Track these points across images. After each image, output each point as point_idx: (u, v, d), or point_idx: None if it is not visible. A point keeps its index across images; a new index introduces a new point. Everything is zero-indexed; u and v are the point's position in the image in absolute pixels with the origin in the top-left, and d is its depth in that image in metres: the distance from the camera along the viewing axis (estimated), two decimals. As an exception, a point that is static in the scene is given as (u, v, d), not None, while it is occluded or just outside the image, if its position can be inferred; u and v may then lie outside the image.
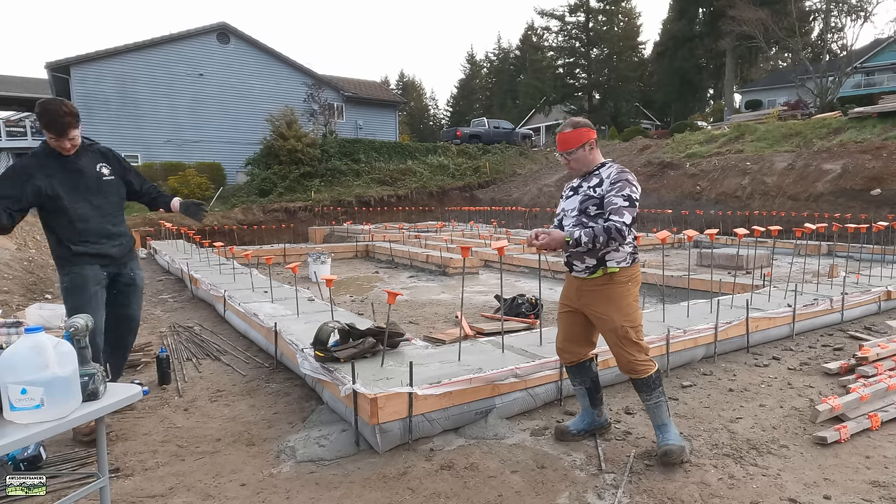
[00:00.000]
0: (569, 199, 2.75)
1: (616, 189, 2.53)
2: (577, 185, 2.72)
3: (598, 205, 2.58)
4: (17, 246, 8.16)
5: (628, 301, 2.62)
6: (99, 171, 3.17)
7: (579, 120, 2.69)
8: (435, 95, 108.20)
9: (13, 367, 1.61)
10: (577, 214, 2.64)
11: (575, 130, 2.65)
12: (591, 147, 2.67)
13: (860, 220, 8.78)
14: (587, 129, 2.66)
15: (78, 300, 3.04)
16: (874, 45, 29.62)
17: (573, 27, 39.30)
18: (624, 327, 2.60)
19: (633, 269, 2.67)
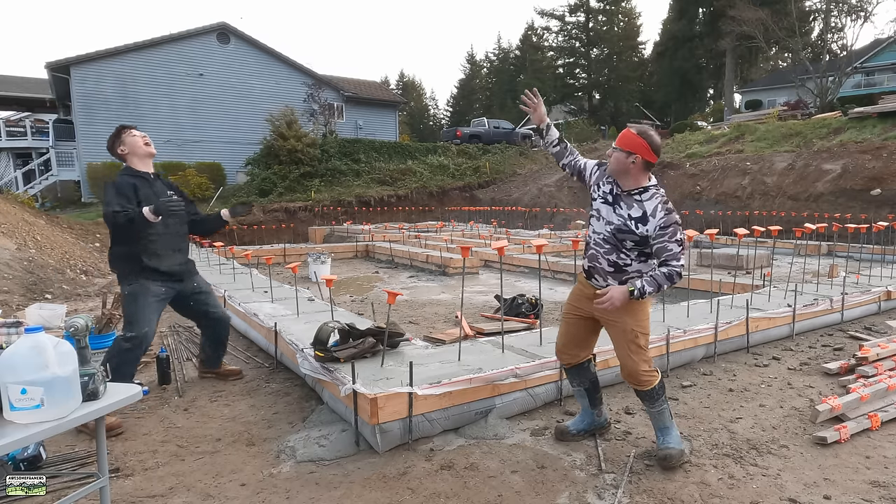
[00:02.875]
0: (606, 206, 2.61)
1: (669, 235, 2.46)
2: (617, 196, 2.58)
3: (638, 242, 2.53)
4: (17, 246, 8.16)
5: (644, 310, 2.63)
6: (170, 196, 3.45)
7: (650, 134, 2.52)
8: (435, 95, 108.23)
9: (13, 367, 1.61)
10: (610, 239, 2.58)
11: (637, 138, 2.48)
12: (636, 163, 2.49)
13: (860, 220, 8.78)
14: (645, 145, 2.48)
15: (138, 303, 3.32)
16: (874, 45, 29.61)
17: (573, 27, 39.37)
18: (635, 332, 2.59)
19: None
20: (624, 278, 2.58)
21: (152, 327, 3.34)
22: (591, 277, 2.70)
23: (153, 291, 3.37)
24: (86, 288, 7.66)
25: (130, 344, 3.21)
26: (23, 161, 24.11)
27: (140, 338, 3.23)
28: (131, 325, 3.27)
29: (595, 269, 2.67)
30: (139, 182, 3.35)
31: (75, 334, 2.48)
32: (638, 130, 2.51)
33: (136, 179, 3.35)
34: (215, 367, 3.97)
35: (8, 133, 24.29)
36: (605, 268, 2.62)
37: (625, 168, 2.51)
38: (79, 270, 8.51)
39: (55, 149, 22.21)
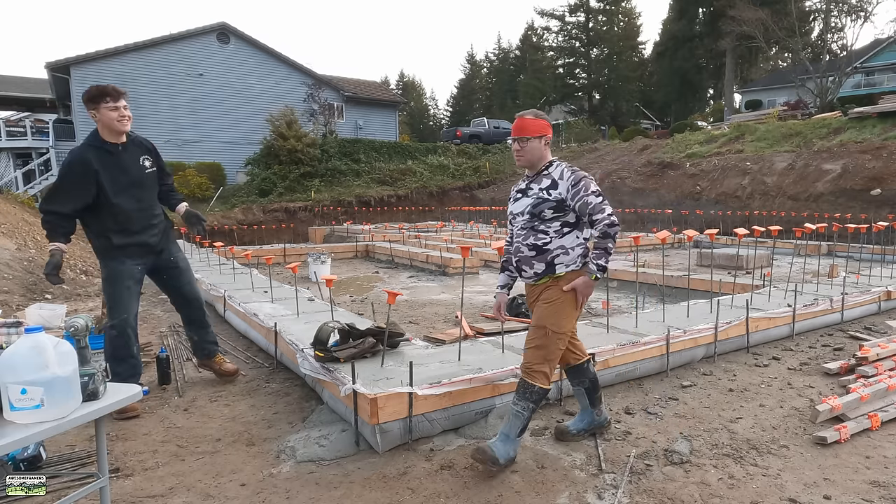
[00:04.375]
0: (517, 202, 2.67)
1: (583, 189, 2.48)
2: (526, 188, 2.65)
3: (555, 208, 2.52)
4: (17, 246, 8.16)
5: (564, 307, 2.53)
6: (142, 163, 3.36)
7: (541, 113, 2.63)
8: (435, 95, 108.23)
9: (13, 367, 1.61)
10: (528, 218, 2.58)
11: (537, 120, 2.57)
12: (546, 144, 2.59)
13: (860, 220, 8.79)
14: (547, 124, 2.61)
15: (114, 290, 3.30)
16: (874, 45, 29.61)
17: (573, 27, 39.38)
18: (546, 329, 2.51)
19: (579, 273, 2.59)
20: (549, 258, 2.54)
21: (131, 311, 3.32)
22: (521, 272, 2.68)
23: (127, 273, 3.29)
24: (86, 288, 7.66)
25: (115, 331, 3.27)
26: (23, 161, 24.08)
27: (121, 324, 3.26)
28: (111, 312, 3.32)
29: (521, 260, 2.64)
30: (101, 157, 3.16)
31: (75, 334, 2.48)
32: (534, 114, 2.58)
33: (97, 153, 3.16)
34: (208, 356, 3.84)
35: (8, 133, 24.27)
36: (527, 254, 2.59)
37: (540, 152, 2.58)
38: (79, 270, 8.51)
39: (55, 149, 22.20)
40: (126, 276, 3.30)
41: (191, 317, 3.76)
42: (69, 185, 3.15)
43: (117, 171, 3.23)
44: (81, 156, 3.15)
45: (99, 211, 3.21)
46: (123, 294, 3.29)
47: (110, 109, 3.12)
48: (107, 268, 3.32)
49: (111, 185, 3.19)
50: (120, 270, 3.29)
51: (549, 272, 2.56)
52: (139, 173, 3.33)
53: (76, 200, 3.16)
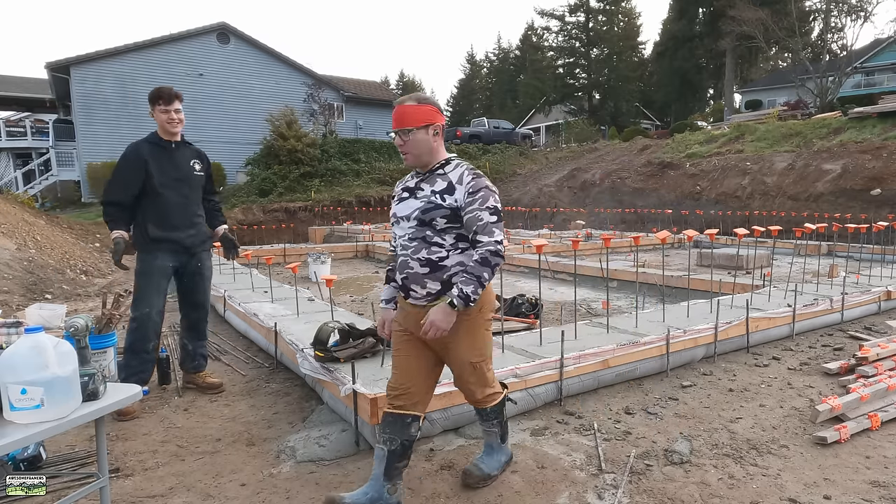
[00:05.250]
0: (402, 203, 2.20)
1: (479, 201, 2.06)
2: (415, 187, 2.18)
3: (449, 217, 2.09)
4: (17, 246, 8.16)
5: (481, 332, 2.23)
6: (192, 165, 3.52)
7: (427, 96, 2.21)
8: (435, 95, 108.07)
9: (13, 367, 1.61)
10: (416, 225, 2.12)
11: (420, 106, 2.12)
12: (437, 134, 2.15)
13: (860, 220, 8.79)
14: (436, 110, 2.15)
15: (142, 283, 3.40)
16: (874, 45, 29.62)
17: (573, 27, 39.34)
18: (473, 364, 2.24)
19: (487, 294, 2.23)
20: (446, 277, 2.11)
21: (154, 307, 3.38)
22: (409, 293, 2.19)
23: (158, 269, 3.39)
24: (86, 288, 7.66)
25: (136, 323, 3.37)
26: (23, 161, 24.12)
27: (142, 317, 3.35)
28: (135, 304, 3.39)
29: (409, 278, 2.16)
30: (155, 151, 3.37)
31: (75, 334, 2.48)
32: (417, 99, 2.16)
33: (152, 147, 3.38)
34: (195, 369, 3.73)
35: (8, 133, 24.31)
36: (418, 271, 2.12)
37: (428, 145, 2.15)
38: (79, 270, 8.51)
39: (55, 149, 22.22)
40: (157, 271, 3.40)
41: (193, 324, 3.75)
42: (123, 174, 3.36)
43: (167, 163, 3.40)
44: (136, 147, 3.39)
45: (145, 200, 3.36)
46: (151, 288, 3.38)
47: (162, 112, 3.35)
48: (141, 261, 3.42)
49: (159, 174, 3.35)
50: (152, 265, 3.38)
51: (444, 290, 2.12)
52: (188, 171, 3.50)
53: (130, 188, 3.34)
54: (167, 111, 3.34)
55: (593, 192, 18.37)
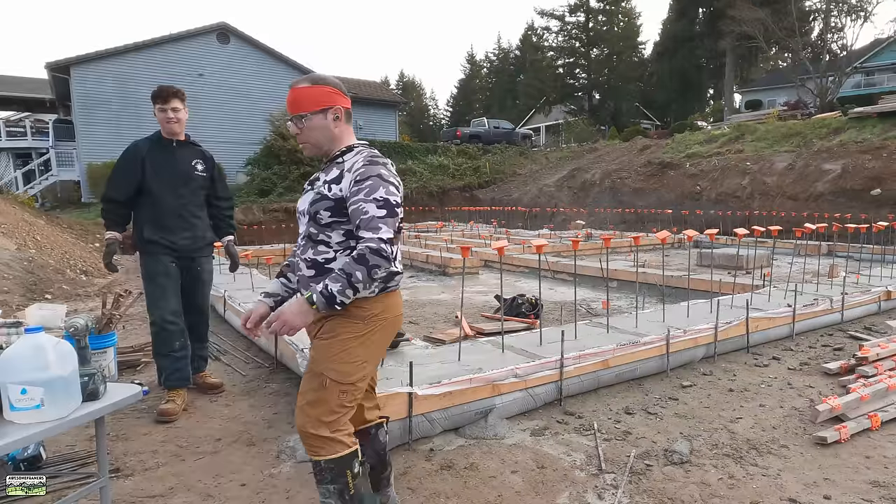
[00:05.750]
0: (302, 196, 1.96)
1: (365, 190, 1.73)
2: (314, 178, 1.94)
3: (334, 210, 1.80)
4: (17, 246, 8.16)
5: (347, 350, 1.80)
6: (193, 165, 3.46)
7: (325, 76, 1.91)
8: (435, 95, 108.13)
9: (13, 367, 1.61)
10: (307, 221, 1.89)
11: (315, 87, 1.85)
12: (338, 118, 1.87)
13: (860, 220, 8.78)
14: (334, 91, 1.87)
15: (148, 287, 3.38)
16: (874, 45, 29.61)
17: (573, 27, 39.35)
18: (323, 377, 1.79)
19: (381, 304, 1.85)
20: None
21: (166, 308, 3.35)
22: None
23: (160, 269, 3.34)
24: (86, 288, 7.66)
25: (154, 328, 3.38)
26: (23, 161, 24.11)
27: (157, 322, 3.35)
28: (149, 309, 3.41)
29: (300, 281, 1.93)
30: (154, 149, 3.34)
31: (75, 334, 2.48)
32: (312, 79, 1.88)
33: (152, 145, 3.36)
34: (195, 370, 3.71)
35: (8, 133, 24.31)
36: (304, 273, 1.88)
37: (328, 132, 1.87)
38: (79, 270, 8.51)
39: (55, 149, 22.21)
40: (159, 272, 3.35)
41: (193, 326, 3.70)
42: (119, 171, 3.35)
43: (164, 162, 3.36)
44: (135, 145, 3.37)
45: (141, 200, 3.33)
46: (157, 291, 3.35)
47: (160, 111, 3.34)
48: (143, 265, 3.40)
49: (154, 172, 3.31)
50: (153, 268, 3.35)
51: None
52: (187, 171, 3.42)
53: (125, 185, 3.32)
54: (164, 110, 3.31)
55: (593, 192, 18.37)
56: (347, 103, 1.91)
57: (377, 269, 1.69)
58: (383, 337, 1.89)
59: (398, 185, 1.83)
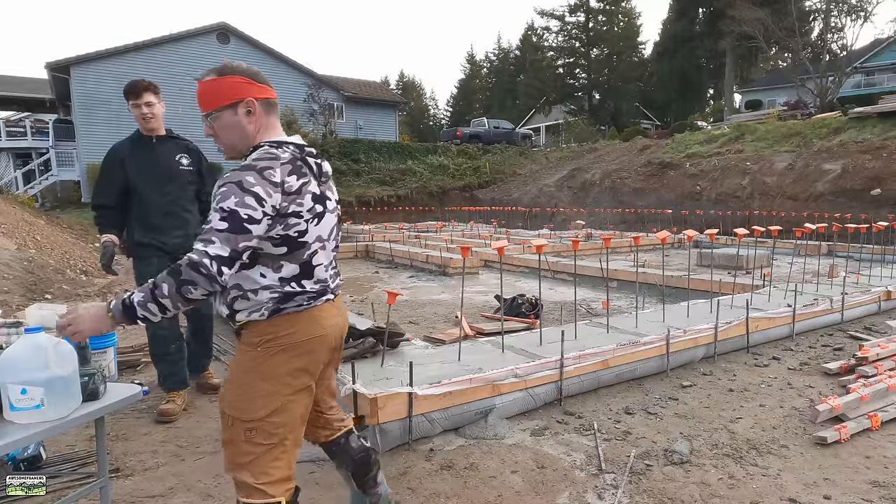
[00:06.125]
0: None
1: (219, 196, 1.49)
2: None
3: None
4: (17, 246, 8.16)
5: (249, 380, 1.61)
6: (178, 160, 3.35)
7: (234, 64, 1.67)
8: (435, 95, 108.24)
9: (13, 367, 1.61)
10: None
11: (221, 79, 1.62)
12: (251, 112, 1.62)
13: (860, 220, 8.78)
14: (244, 81, 1.63)
15: None
16: (874, 45, 29.62)
17: (573, 27, 39.38)
18: (228, 417, 1.63)
19: (275, 328, 1.60)
20: (229, 299, 1.63)
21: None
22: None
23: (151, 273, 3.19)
24: (86, 288, 7.66)
25: (149, 331, 3.37)
26: (23, 161, 24.11)
27: (150, 326, 3.30)
28: None
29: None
30: (134, 148, 3.25)
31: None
32: (218, 71, 1.65)
33: (132, 144, 3.26)
34: (197, 369, 3.68)
35: (8, 133, 24.32)
36: None
37: (240, 130, 1.64)
38: (79, 270, 8.51)
39: (55, 149, 22.21)
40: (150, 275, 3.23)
41: (198, 332, 3.65)
42: (102, 176, 3.29)
43: (145, 160, 3.26)
44: (115, 147, 3.31)
45: (130, 202, 3.27)
46: None
47: (133, 107, 3.20)
48: (135, 269, 3.33)
49: (136, 172, 3.23)
50: (144, 271, 3.23)
51: (231, 318, 1.66)
52: (171, 166, 3.31)
53: (111, 190, 3.26)
54: (138, 105, 3.16)
55: (593, 192, 18.38)
56: (264, 93, 1.65)
57: (190, 286, 1.42)
58: (288, 363, 1.60)
59: (265, 197, 1.48)
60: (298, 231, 1.58)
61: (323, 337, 1.67)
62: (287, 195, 1.54)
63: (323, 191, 1.70)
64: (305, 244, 1.61)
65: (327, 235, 1.71)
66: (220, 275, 1.44)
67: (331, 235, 1.74)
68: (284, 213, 1.54)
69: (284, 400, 1.62)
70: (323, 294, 1.68)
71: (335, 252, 1.79)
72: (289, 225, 1.56)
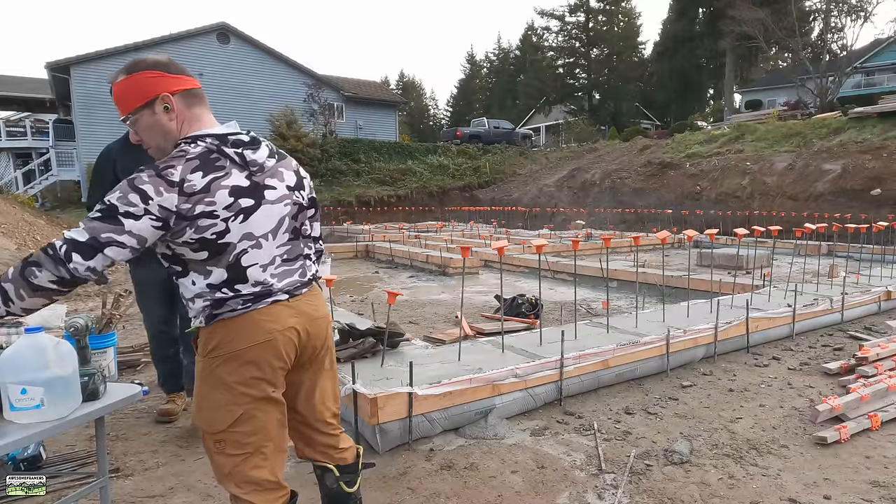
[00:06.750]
0: None
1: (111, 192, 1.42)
2: None
3: None
4: (17, 246, 8.16)
5: (205, 390, 1.54)
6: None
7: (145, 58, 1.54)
8: (435, 95, 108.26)
9: (13, 367, 1.61)
10: None
11: (131, 77, 1.51)
12: (168, 109, 1.51)
13: (860, 220, 8.78)
14: (157, 74, 1.50)
15: (136, 296, 3.29)
16: (874, 45, 29.61)
17: (573, 27, 39.40)
18: (201, 431, 1.60)
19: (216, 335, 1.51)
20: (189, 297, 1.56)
21: (154, 314, 3.22)
22: None
23: (143, 279, 3.18)
24: (86, 288, 7.65)
25: (148, 333, 3.32)
26: (23, 161, 24.12)
27: (149, 329, 3.29)
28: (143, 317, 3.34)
29: None
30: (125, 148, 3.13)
31: (75, 334, 2.48)
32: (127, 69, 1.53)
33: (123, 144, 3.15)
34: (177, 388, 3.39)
35: (8, 133, 24.33)
36: None
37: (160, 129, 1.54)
38: (79, 270, 8.51)
39: (55, 149, 22.23)
40: (144, 282, 3.21)
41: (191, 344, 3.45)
42: (96, 176, 3.23)
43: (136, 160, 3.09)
44: (108, 146, 3.22)
45: None
46: (142, 300, 3.26)
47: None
48: (130, 272, 3.32)
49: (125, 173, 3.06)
50: (137, 277, 3.25)
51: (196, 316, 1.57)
52: None
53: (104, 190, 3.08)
54: None
55: (593, 192, 18.38)
56: (180, 84, 1.51)
57: (35, 268, 1.33)
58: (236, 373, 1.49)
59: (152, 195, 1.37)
60: (216, 232, 1.43)
61: (269, 343, 1.50)
62: (187, 195, 1.38)
63: (258, 181, 1.51)
64: (228, 245, 1.45)
65: (267, 230, 1.52)
66: (67, 260, 1.32)
67: (278, 229, 1.55)
68: (190, 216, 1.39)
69: (245, 409, 1.51)
70: (265, 296, 1.51)
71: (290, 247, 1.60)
72: (200, 227, 1.41)
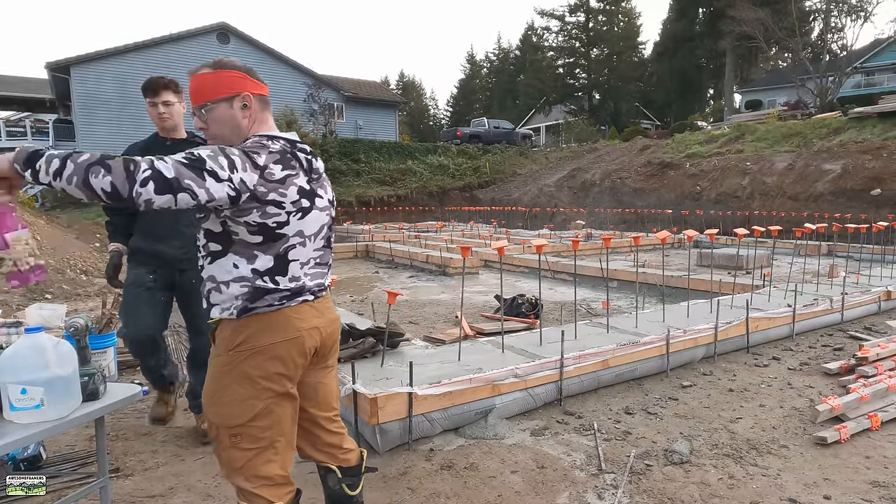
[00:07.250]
0: None
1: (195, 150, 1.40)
2: None
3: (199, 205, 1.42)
4: (17, 246, 8.16)
5: (225, 384, 1.55)
6: None
7: (232, 60, 1.69)
8: (435, 95, 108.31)
9: (13, 367, 1.61)
10: None
11: (218, 73, 1.62)
12: (246, 107, 1.61)
13: (860, 220, 8.79)
14: (242, 76, 1.64)
15: (124, 295, 3.00)
16: (874, 45, 29.60)
17: (573, 27, 39.41)
18: (214, 426, 1.59)
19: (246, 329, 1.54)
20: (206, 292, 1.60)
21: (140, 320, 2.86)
22: None
23: (136, 280, 2.93)
24: (86, 288, 7.65)
25: (126, 339, 2.93)
26: (23, 161, 24.10)
27: (128, 336, 2.90)
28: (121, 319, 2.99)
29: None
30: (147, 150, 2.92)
31: (75, 334, 2.48)
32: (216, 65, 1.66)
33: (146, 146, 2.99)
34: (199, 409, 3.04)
35: (8, 133, 24.29)
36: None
37: (233, 123, 1.61)
38: (79, 270, 8.51)
39: (55, 149, 22.22)
40: (136, 283, 2.94)
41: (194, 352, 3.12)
42: None
43: None
44: (129, 146, 3.06)
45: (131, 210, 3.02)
46: (129, 300, 2.93)
47: (150, 105, 2.92)
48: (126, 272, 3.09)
49: None
50: (131, 277, 2.97)
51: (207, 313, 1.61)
52: None
53: None
54: (154, 104, 2.89)
55: (593, 192, 18.38)
56: (259, 89, 1.65)
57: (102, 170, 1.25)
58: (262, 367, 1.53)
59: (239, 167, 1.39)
60: (277, 222, 1.50)
61: (296, 340, 1.56)
62: (267, 181, 1.45)
63: (313, 188, 1.60)
64: (283, 236, 1.52)
65: (312, 233, 1.60)
66: (140, 184, 1.26)
67: (318, 234, 1.63)
68: (262, 200, 1.45)
69: (266, 404, 1.54)
70: (298, 294, 1.58)
71: (322, 253, 1.67)
72: (267, 214, 1.48)
